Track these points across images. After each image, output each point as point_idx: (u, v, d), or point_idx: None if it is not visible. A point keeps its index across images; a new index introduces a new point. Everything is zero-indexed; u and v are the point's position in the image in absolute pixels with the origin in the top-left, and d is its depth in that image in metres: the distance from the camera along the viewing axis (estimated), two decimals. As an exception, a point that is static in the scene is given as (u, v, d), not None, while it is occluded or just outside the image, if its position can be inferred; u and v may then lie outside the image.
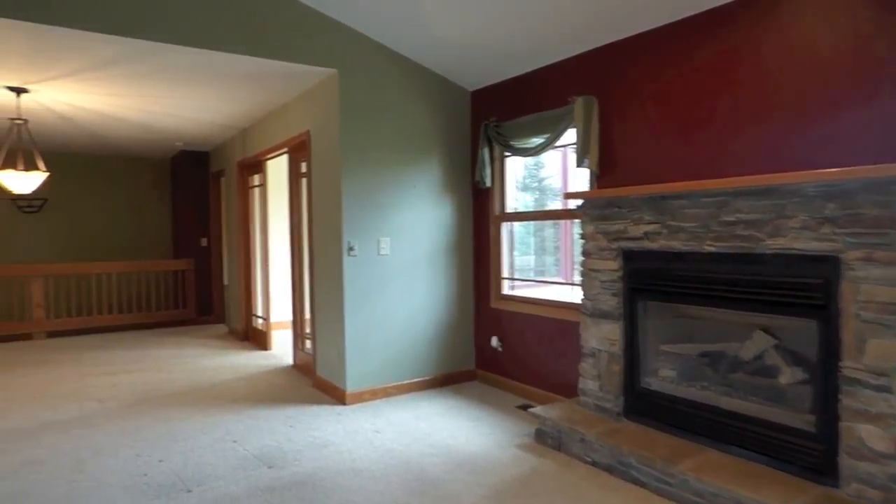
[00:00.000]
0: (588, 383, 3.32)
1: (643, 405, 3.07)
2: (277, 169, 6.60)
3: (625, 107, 3.39)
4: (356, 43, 4.11)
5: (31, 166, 4.75)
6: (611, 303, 3.20)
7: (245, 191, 6.66)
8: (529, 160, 4.62)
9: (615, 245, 3.16)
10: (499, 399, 4.19)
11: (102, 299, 7.45)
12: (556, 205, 4.63)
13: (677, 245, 2.84)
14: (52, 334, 7.00)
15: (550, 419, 3.20)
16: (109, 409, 4.11)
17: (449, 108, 4.58)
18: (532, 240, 5.02)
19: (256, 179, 6.47)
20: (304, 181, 5.08)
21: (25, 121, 4.44)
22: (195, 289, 7.91)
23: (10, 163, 4.60)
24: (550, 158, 4.62)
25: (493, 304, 4.51)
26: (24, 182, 4.38)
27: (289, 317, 5.68)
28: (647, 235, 3.00)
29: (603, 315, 3.25)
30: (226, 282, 7.71)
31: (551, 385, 4.00)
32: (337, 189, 4.16)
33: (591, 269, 3.32)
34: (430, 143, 4.49)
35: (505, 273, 4.49)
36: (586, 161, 3.53)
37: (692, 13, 3.00)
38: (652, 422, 3.01)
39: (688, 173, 3.01)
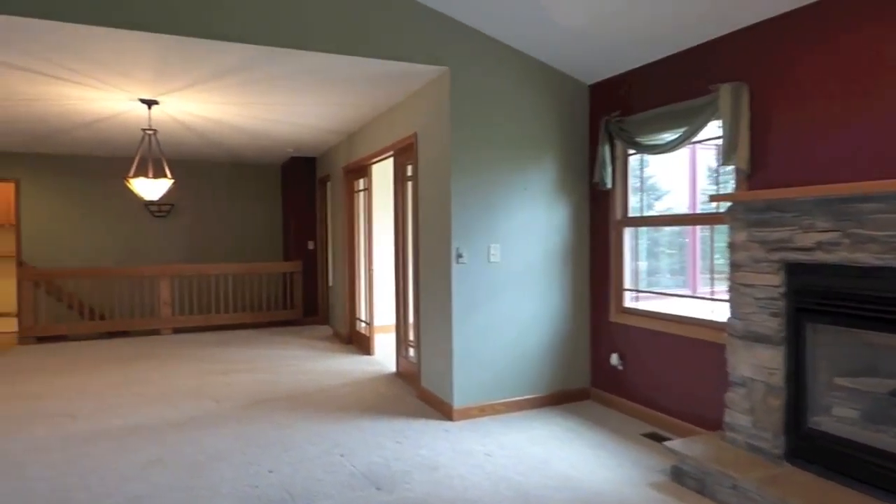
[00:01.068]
0: (737, 417, 2.84)
1: (812, 449, 2.56)
2: (382, 173, 6.58)
3: (785, 93, 2.87)
4: (468, 39, 3.89)
5: (159, 173, 5.01)
6: (769, 324, 2.71)
7: (350, 195, 6.70)
8: (633, 159, 4.16)
9: (776, 256, 2.67)
10: (620, 423, 3.77)
11: (220, 299, 7.85)
12: (662, 206, 4.13)
13: (865, 258, 2.31)
14: (177, 330, 7.46)
15: (692, 457, 2.77)
16: (224, 409, 4.19)
17: (564, 104, 4.23)
18: (644, 246, 4.54)
19: (361, 184, 6.48)
20: (409, 185, 4.96)
21: (155, 131, 4.69)
22: (302, 290, 8.12)
23: (141, 170, 4.87)
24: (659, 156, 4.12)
25: (613, 318, 4.09)
26: (153, 188, 4.62)
27: (392, 321, 5.60)
28: (820, 246, 2.48)
29: (758, 338, 2.76)
30: (330, 283, 7.85)
31: (684, 413, 3.53)
32: (445, 193, 3.96)
33: (742, 284, 2.84)
34: (544, 143, 4.17)
35: (627, 284, 4.06)
36: (734, 158, 3.04)
37: (882, -26, 2.46)
38: (824, 470, 2.49)
39: (881, 170, 2.45)
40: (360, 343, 6.44)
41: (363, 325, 6.42)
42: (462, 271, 3.91)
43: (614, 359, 4.05)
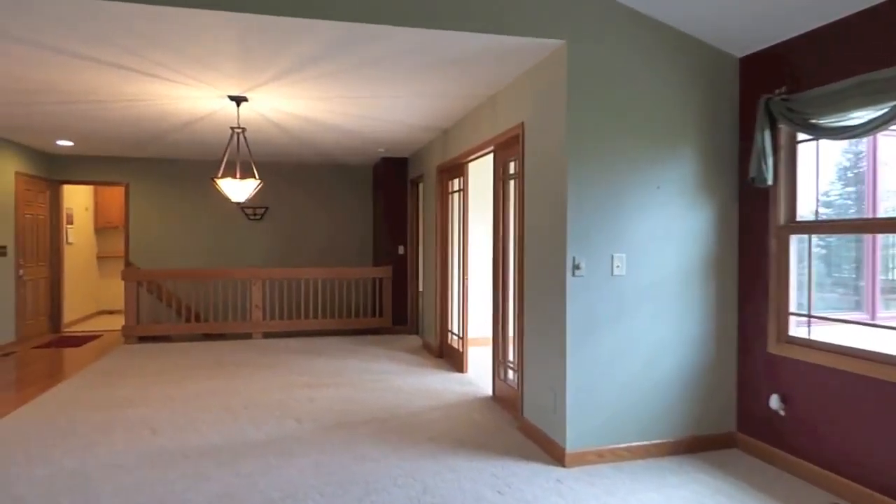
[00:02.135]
0: None
1: None
2: (479, 172, 6.03)
3: None
4: (588, 3, 3.23)
5: (247, 174, 4.78)
6: None
7: (444, 196, 6.21)
8: (804, 148, 3.26)
9: None
10: (786, 488, 2.93)
11: (309, 303, 7.67)
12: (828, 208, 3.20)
13: None
14: (267, 334, 7.36)
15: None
16: (306, 432, 3.80)
17: (708, 81, 3.44)
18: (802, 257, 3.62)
19: (456, 184, 5.97)
20: (511, 184, 4.36)
21: (243, 129, 4.45)
22: (391, 297, 7.76)
23: (229, 171, 4.65)
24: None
25: (773, 349, 3.24)
26: (240, 189, 4.38)
27: (487, 334, 5.03)
28: None
29: None
30: (420, 289, 7.42)
31: (883, 485, 2.63)
32: (559, 193, 3.31)
33: None
34: (682, 130, 3.40)
35: (793, 306, 3.19)
36: None
37: None
38: None
39: None
40: (452, 358, 5.91)
41: (455, 338, 5.90)
42: (578, 285, 3.24)
43: (774, 401, 3.19)
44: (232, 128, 4.44)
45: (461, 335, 5.64)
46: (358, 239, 8.78)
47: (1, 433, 3.77)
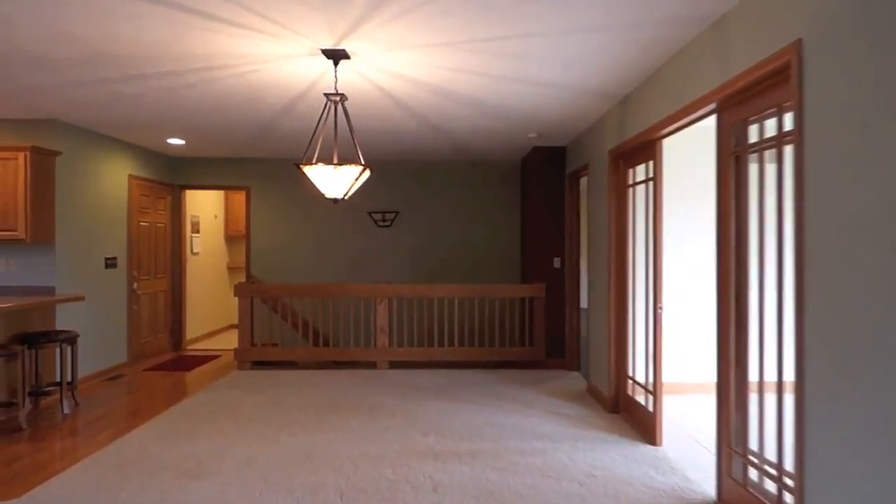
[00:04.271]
0: None
1: None
2: (679, 150, 4.22)
3: None
4: None
5: (348, 160, 3.46)
6: None
7: (621, 191, 4.44)
8: None
9: None
10: None
11: (443, 328, 6.31)
12: None
13: None
14: (394, 364, 6.12)
15: None
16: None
17: None
18: None
19: (640, 172, 4.18)
20: (753, 158, 2.54)
21: (342, 96, 3.16)
22: (545, 322, 6.10)
23: (323, 155, 3.38)
24: None
25: None
26: (336, 180, 3.07)
27: (692, 379, 3.20)
28: None
29: None
30: (583, 307, 5.69)
31: None
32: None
33: None
34: None
35: None
36: None
37: None
38: None
39: None
40: (635, 417, 4.10)
41: (640, 389, 4.09)
42: None
43: None
44: (327, 95, 3.16)
45: (651, 387, 3.81)
46: (502, 249, 7.25)
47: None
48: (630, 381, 4.33)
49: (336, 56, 3.19)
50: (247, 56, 3.27)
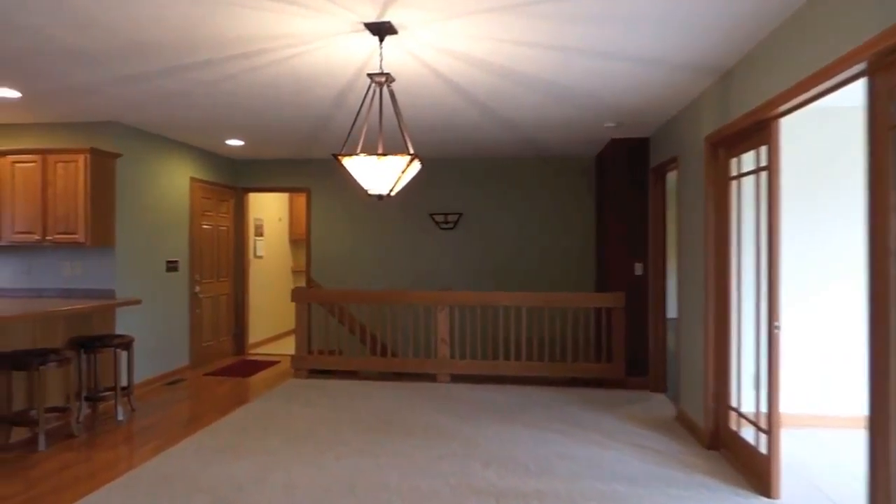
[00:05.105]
0: None
1: None
2: (802, 132, 3.49)
3: None
4: None
5: (396, 150, 3.03)
6: None
7: (720, 184, 3.74)
8: None
9: None
10: None
11: (509, 339, 5.78)
12: None
13: None
14: (455, 378, 5.66)
15: None
16: None
17: None
18: None
19: (747, 161, 3.47)
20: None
21: (388, 76, 2.73)
22: (624, 336, 5.42)
23: (369, 147, 2.95)
24: None
25: None
26: (381, 172, 2.64)
27: (810, 409, 2.50)
28: None
29: None
30: (669, 317, 5.00)
31: None
32: None
33: None
34: None
35: None
36: None
37: None
38: None
39: None
40: (741, 457, 3.39)
41: (746, 423, 3.37)
42: None
43: None
44: (370, 75, 2.74)
45: (764, 423, 3.10)
46: (575, 254, 6.61)
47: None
48: (732, 412, 3.62)
49: (381, 30, 2.77)
50: (283, 37, 2.92)
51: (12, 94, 4.06)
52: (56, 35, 2.92)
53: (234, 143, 5.83)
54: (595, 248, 6.60)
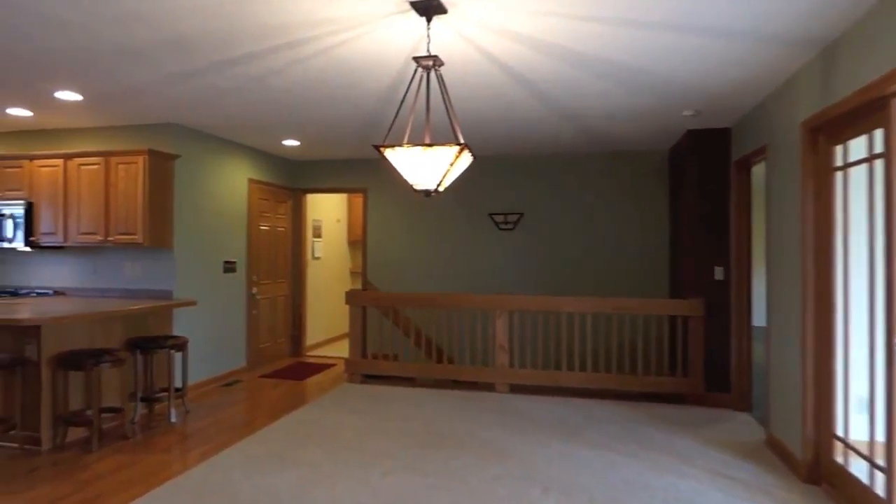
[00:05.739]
0: None
1: None
2: None
3: None
4: None
5: (444, 140, 2.75)
6: None
7: (821, 176, 3.22)
8: None
9: None
10: None
11: (573, 348, 5.38)
12: None
13: None
14: (514, 388, 5.32)
15: None
16: None
17: None
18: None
19: (856, 149, 2.95)
20: None
21: (435, 59, 2.47)
22: (703, 347, 4.90)
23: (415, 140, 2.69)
24: None
25: None
26: (427, 165, 2.38)
27: None
28: None
29: None
30: (755, 323, 4.44)
31: None
32: None
33: None
34: None
35: None
36: None
37: None
38: None
39: None
40: (847, 496, 2.87)
41: (856, 456, 2.84)
42: None
43: None
44: (416, 59, 2.49)
45: (882, 456, 2.58)
46: (646, 257, 6.11)
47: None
48: (839, 443, 3.09)
49: (428, 9, 2.51)
50: (325, 22, 2.73)
51: (75, 96, 4.13)
52: (104, 32, 2.87)
53: (290, 143, 5.78)
54: (669, 250, 6.07)
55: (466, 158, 2.58)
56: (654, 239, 6.10)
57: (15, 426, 3.71)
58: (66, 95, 4.09)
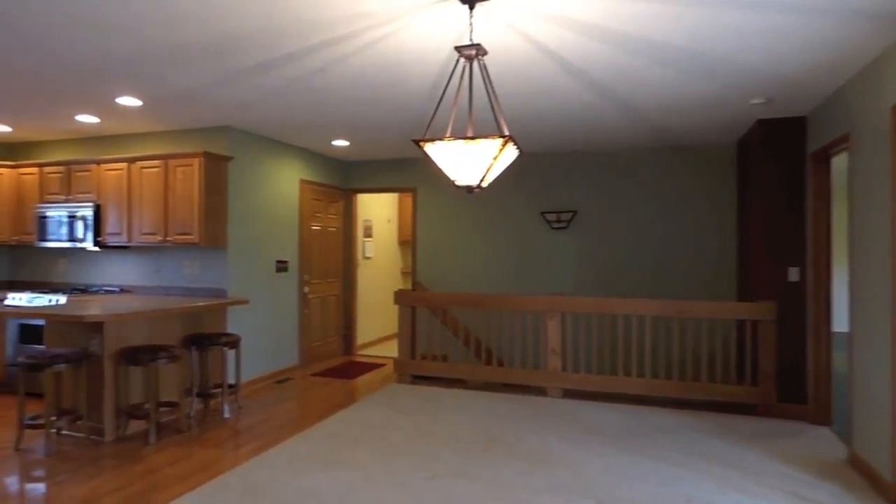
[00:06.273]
0: None
1: None
2: None
3: None
4: None
5: (487, 132, 2.62)
6: None
7: (918, 164, 2.87)
8: None
9: None
10: None
11: (630, 353, 5.12)
12: None
13: None
14: (568, 393, 5.12)
15: None
16: None
17: None
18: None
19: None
20: None
21: (478, 48, 2.35)
22: (775, 353, 4.53)
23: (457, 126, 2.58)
24: None
25: None
26: (469, 159, 2.27)
27: None
28: None
29: None
30: (835, 328, 4.06)
31: None
32: None
33: None
34: None
35: None
36: None
37: None
38: None
39: None
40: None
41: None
42: None
43: None
44: (458, 48, 2.38)
45: None
46: (711, 257, 5.74)
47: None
48: (935, 464, 2.74)
49: (471, -3, 2.40)
50: (361, 16, 2.66)
51: (135, 101, 4.27)
52: (155, 35, 2.92)
53: (340, 143, 5.80)
54: (737, 250, 5.68)
55: (511, 152, 2.44)
56: (720, 236, 5.72)
57: (81, 417, 3.88)
58: (127, 101, 4.24)
